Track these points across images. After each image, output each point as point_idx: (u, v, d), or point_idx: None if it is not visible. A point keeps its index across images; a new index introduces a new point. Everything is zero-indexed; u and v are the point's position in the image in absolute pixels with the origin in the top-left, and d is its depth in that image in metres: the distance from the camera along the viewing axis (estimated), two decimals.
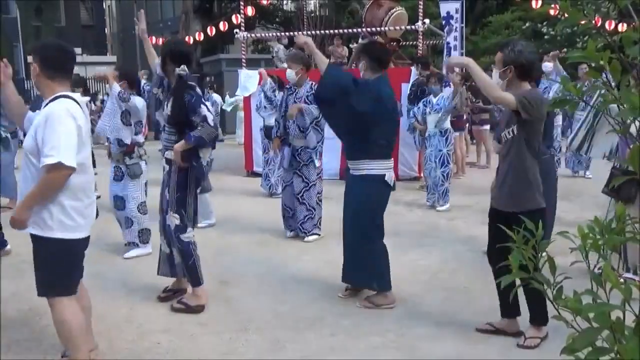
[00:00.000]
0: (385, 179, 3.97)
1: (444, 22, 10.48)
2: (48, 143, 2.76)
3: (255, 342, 3.59)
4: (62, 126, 2.80)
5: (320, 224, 6.03)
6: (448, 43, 10.33)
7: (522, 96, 3.27)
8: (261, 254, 5.51)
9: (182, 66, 3.97)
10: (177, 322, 3.90)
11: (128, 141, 5.28)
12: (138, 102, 5.33)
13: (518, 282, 1.49)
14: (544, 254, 1.43)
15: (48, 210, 2.86)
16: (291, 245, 5.84)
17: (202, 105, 3.96)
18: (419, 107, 7.65)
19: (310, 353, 3.44)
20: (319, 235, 6.00)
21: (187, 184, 4.04)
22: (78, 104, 2.95)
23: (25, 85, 20.08)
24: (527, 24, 20.38)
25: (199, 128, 3.92)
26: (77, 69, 22.03)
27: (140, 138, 5.43)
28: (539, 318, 3.47)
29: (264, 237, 6.12)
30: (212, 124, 3.94)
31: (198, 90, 4.05)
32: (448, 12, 10.39)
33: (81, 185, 2.96)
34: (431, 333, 3.69)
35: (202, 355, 3.43)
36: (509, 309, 3.56)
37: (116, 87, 5.21)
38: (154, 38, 19.34)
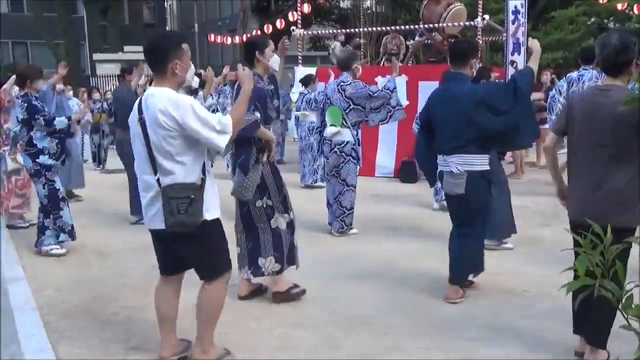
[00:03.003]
0: None
1: (513, 17, 10.20)
2: None
3: (308, 339, 3.61)
4: None
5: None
6: (518, 39, 10.05)
7: None
8: (311, 249, 5.45)
9: None
10: (234, 315, 3.94)
11: None
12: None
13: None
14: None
15: None
16: (340, 241, 5.85)
17: None
18: None
19: (365, 352, 3.43)
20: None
21: None
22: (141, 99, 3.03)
23: (91, 82, 20.89)
24: (592, 19, 19.58)
25: None
26: None
27: None
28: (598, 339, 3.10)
29: (313, 232, 6.11)
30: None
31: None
32: (515, 7, 10.10)
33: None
34: (486, 336, 3.59)
35: (255, 349, 3.47)
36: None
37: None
38: (212, 35, 19.85)
